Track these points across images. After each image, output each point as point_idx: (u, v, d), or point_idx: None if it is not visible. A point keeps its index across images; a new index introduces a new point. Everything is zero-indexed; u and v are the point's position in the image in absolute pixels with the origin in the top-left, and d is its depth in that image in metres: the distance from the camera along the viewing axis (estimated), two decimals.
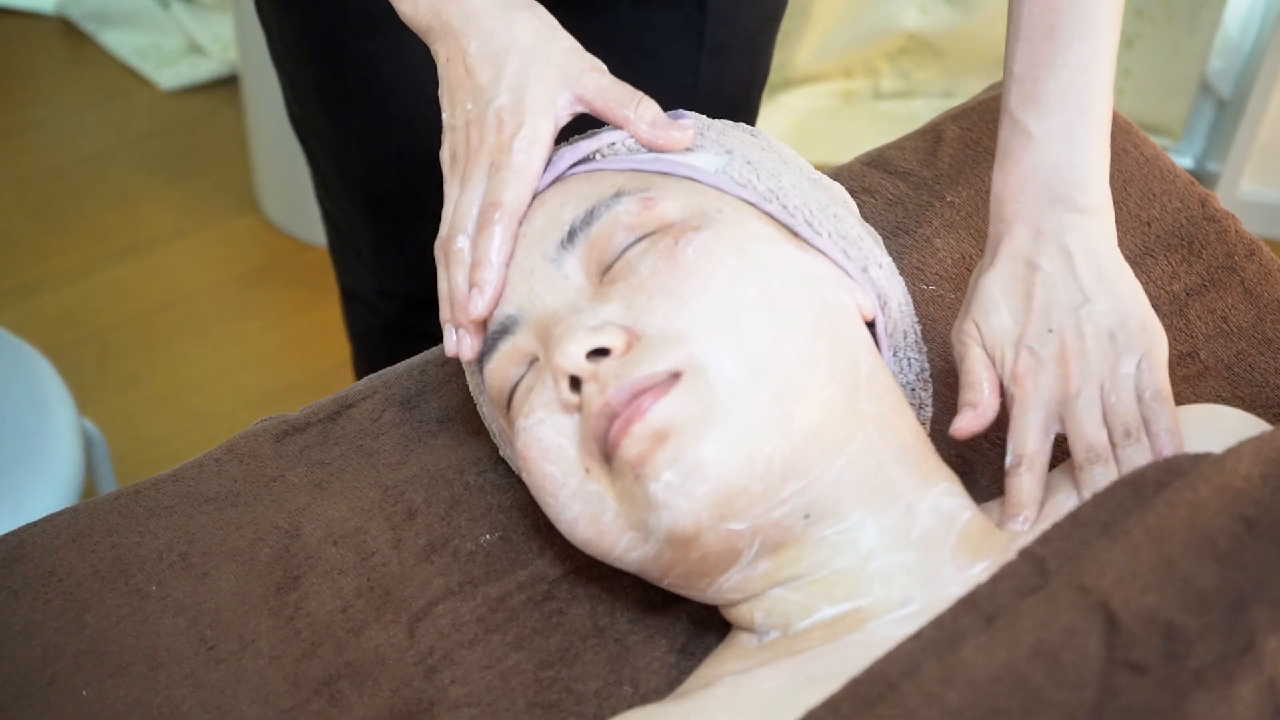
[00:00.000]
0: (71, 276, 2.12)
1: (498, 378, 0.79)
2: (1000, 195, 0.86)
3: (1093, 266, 0.81)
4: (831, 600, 0.74)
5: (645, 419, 0.71)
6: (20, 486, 1.34)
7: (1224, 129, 2.27)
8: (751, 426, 0.71)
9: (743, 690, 0.73)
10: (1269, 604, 0.61)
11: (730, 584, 0.76)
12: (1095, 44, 0.84)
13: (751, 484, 0.71)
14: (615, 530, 0.75)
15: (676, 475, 0.70)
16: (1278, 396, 0.94)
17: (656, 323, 0.73)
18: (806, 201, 0.82)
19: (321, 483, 0.91)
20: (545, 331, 0.76)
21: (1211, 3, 2.17)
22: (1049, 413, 0.80)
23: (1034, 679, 0.62)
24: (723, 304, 0.73)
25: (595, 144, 0.83)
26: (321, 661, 0.82)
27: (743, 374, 0.72)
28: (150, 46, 2.46)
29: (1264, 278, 1.01)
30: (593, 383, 0.72)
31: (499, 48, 0.80)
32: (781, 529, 0.73)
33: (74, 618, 0.84)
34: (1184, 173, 1.08)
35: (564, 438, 0.75)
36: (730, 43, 1.15)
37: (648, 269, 0.75)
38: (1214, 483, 0.67)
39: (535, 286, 0.78)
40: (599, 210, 0.78)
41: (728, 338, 0.72)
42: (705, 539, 0.72)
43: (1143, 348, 0.80)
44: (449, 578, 0.86)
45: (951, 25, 2.32)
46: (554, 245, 0.78)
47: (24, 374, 1.44)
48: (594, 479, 0.74)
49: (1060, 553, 0.67)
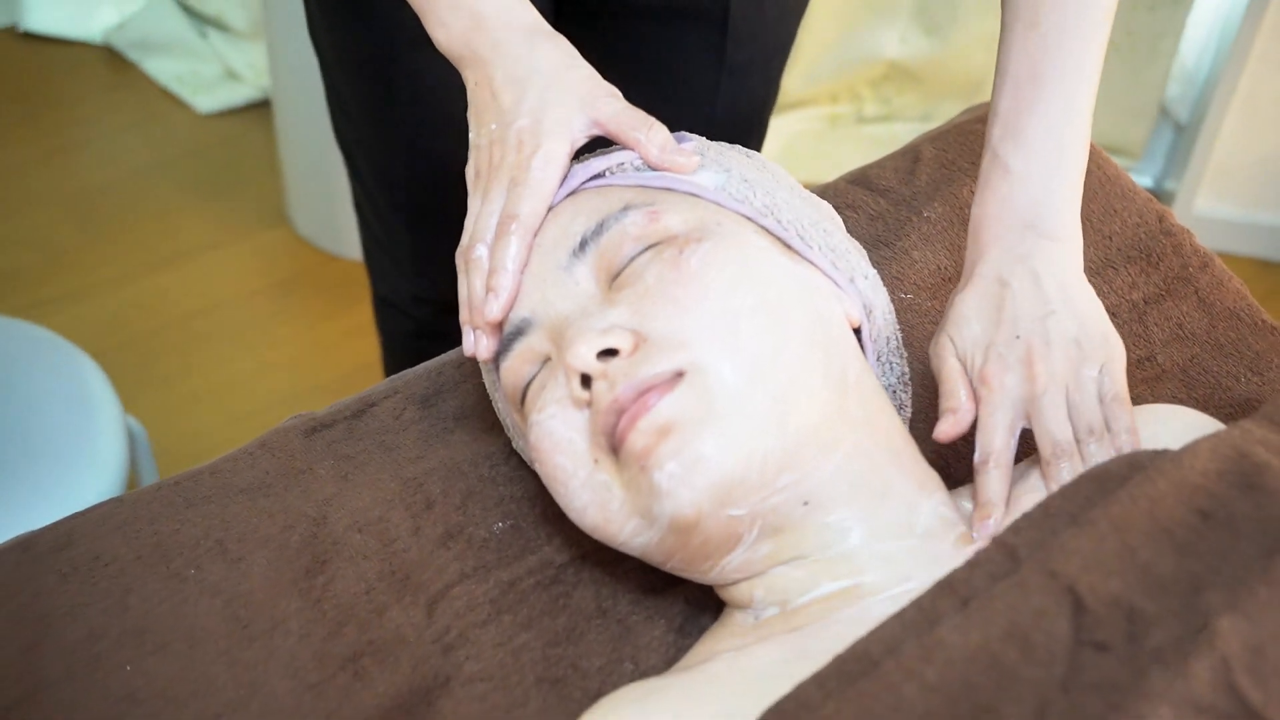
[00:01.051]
0: (116, 285, 2.12)
1: (513, 375, 0.79)
2: (978, 222, 0.86)
3: (1058, 285, 0.81)
4: (833, 577, 0.74)
5: (651, 414, 0.71)
6: (69, 478, 1.34)
7: (1181, 151, 2.28)
8: (749, 425, 0.71)
9: (738, 665, 0.72)
10: (1222, 589, 0.61)
11: (734, 565, 0.75)
12: (1077, 89, 0.84)
13: (748, 476, 0.71)
14: (621, 517, 0.74)
15: (679, 466, 0.70)
16: (1229, 397, 0.94)
17: (661, 326, 0.73)
18: (799, 217, 0.82)
19: (347, 475, 0.91)
20: (558, 333, 0.76)
21: (1169, 34, 2.17)
22: (1015, 412, 0.80)
23: (1007, 657, 0.62)
24: (723, 310, 0.73)
25: (606, 162, 0.83)
26: (346, 640, 0.82)
27: (741, 376, 0.72)
28: (188, 73, 2.46)
29: (1216, 288, 1.01)
30: (602, 381, 0.72)
31: (522, 75, 0.80)
32: (780, 515, 0.73)
33: (118, 599, 0.84)
34: (1143, 191, 1.08)
35: (574, 431, 0.75)
36: (749, 64, 1.15)
37: (654, 276, 0.75)
38: (1172, 477, 0.67)
39: (548, 292, 0.78)
40: (608, 222, 0.78)
41: (727, 341, 0.72)
42: (706, 525, 0.72)
43: (1104, 357, 0.80)
44: (464, 563, 0.86)
45: (929, 55, 2.33)
46: (566, 254, 0.78)
47: (73, 375, 1.44)
48: (602, 469, 0.74)
49: (1031, 541, 0.67)
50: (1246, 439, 0.71)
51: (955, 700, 0.61)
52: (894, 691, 0.62)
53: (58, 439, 1.37)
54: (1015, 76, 0.85)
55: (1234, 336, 0.98)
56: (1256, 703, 0.58)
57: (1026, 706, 0.60)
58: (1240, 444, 0.70)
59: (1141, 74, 2.24)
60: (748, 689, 0.69)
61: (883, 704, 0.61)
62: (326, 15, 1.12)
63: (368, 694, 0.80)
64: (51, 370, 1.43)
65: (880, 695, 0.62)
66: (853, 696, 0.62)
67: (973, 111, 1.18)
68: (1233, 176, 2.25)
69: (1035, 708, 0.60)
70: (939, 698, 0.61)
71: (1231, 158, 2.22)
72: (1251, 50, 2.09)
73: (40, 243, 2.18)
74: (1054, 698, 0.60)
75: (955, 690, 0.61)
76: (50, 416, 1.38)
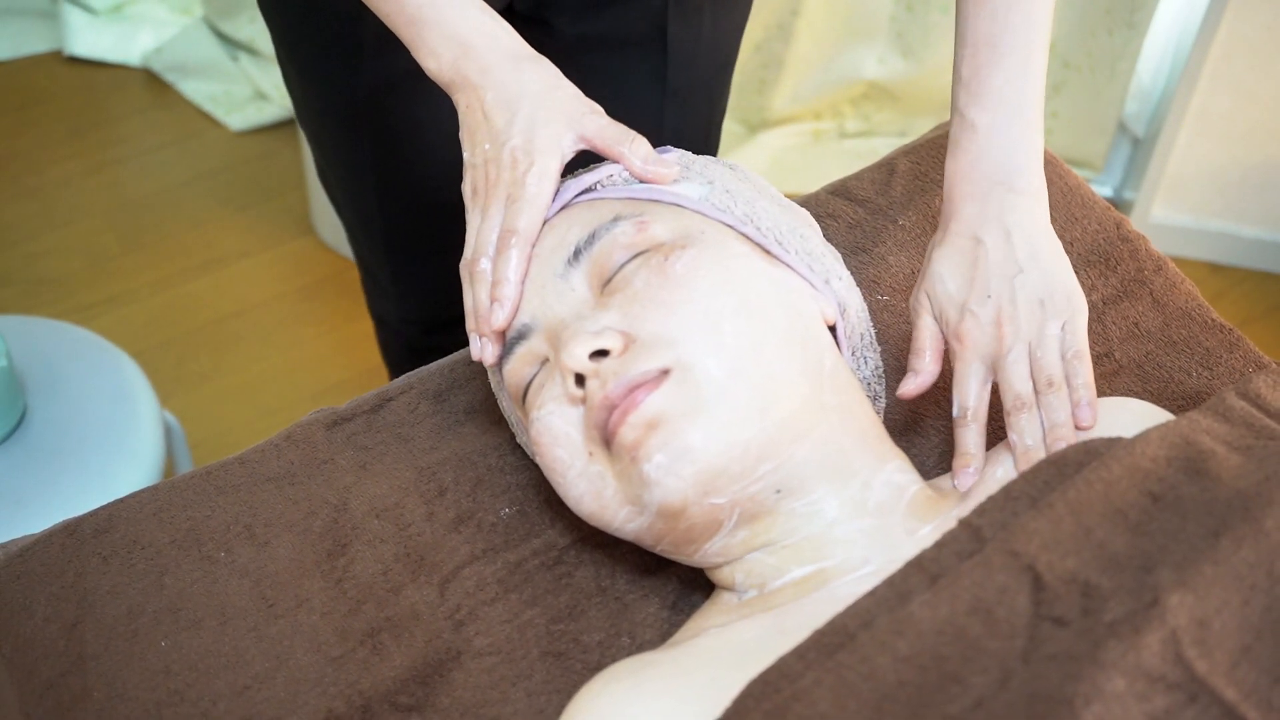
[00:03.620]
0: (154, 290, 2.12)
1: (515, 376, 0.79)
2: (951, 179, 0.86)
3: (1027, 242, 0.81)
4: (800, 562, 0.74)
5: (639, 409, 0.71)
6: (111, 468, 1.34)
7: (1138, 163, 2.28)
8: (732, 417, 0.71)
9: (724, 640, 0.73)
10: (1172, 567, 0.61)
11: (714, 549, 0.76)
12: (1029, 54, 0.84)
13: (730, 465, 0.71)
14: (615, 504, 0.74)
15: (666, 457, 0.70)
16: (1181, 391, 0.94)
17: (649, 327, 0.73)
18: (777, 224, 0.82)
19: (365, 464, 0.91)
20: (555, 336, 0.76)
21: (1127, 56, 2.17)
22: (986, 367, 0.80)
23: (972, 630, 0.62)
24: (706, 311, 0.73)
25: (596, 176, 0.83)
26: (365, 617, 0.82)
27: (724, 371, 0.72)
28: (222, 94, 2.46)
29: (1170, 289, 1.01)
30: (595, 379, 0.72)
31: (511, 96, 0.80)
32: (756, 503, 0.73)
33: (154, 580, 0.84)
34: (1102, 200, 1.08)
35: (571, 426, 0.75)
36: (690, 87, 1.15)
37: (641, 282, 0.75)
38: (1125, 463, 0.68)
39: (546, 298, 0.78)
40: (600, 232, 0.78)
41: (711, 339, 0.72)
42: (691, 511, 0.72)
43: (1067, 314, 0.80)
44: (474, 545, 0.86)
45: (905, 75, 2.32)
46: (562, 263, 0.78)
47: (114, 373, 1.44)
48: (596, 461, 0.74)
49: (994, 522, 0.67)
50: (1194, 428, 0.71)
51: (925, 670, 0.61)
52: (868, 662, 0.62)
53: (100, 432, 1.37)
54: (973, 45, 0.85)
55: (1186, 334, 0.98)
56: (1202, 672, 0.58)
57: (990, 676, 0.60)
58: (1188, 433, 0.70)
59: (1101, 92, 2.24)
60: (733, 662, 0.69)
61: (858, 674, 0.61)
62: (295, 63, 1.11)
63: (385, 666, 0.80)
64: (95, 369, 1.44)
65: (856, 666, 0.62)
66: (831, 667, 0.62)
67: (944, 127, 1.18)
68: (1185, 187, 2.25)
69: (998, 677, 0.60)
70: (910, 667, 0.61)
71: (1184, 169, 2.22)
72: (1203, 70, 2.09)
73: (85, 251, 2.18)
74: (1015, 668, 0.60)
75: (925, 661, 0.61)
76: (94, 411, 1.39)
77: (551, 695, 0.79)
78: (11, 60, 2.52)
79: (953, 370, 0.82)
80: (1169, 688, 0.58)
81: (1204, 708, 0.57)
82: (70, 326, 1.50)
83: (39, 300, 2.09)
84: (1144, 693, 0.57)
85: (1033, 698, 0.58)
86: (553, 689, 0.79)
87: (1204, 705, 0.57)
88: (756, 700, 0.63)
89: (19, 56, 2.53)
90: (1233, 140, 2.17)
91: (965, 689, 0.60)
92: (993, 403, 0.85)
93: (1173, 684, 0.58)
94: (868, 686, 0.61)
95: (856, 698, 0.61)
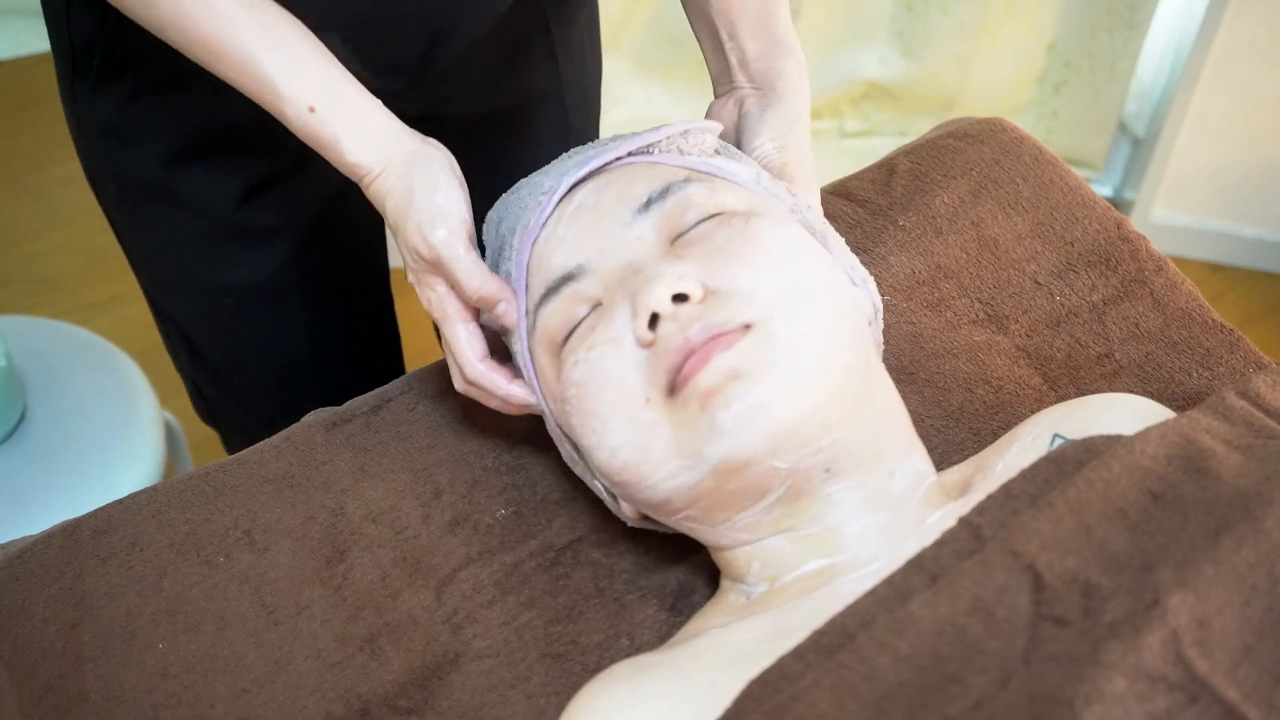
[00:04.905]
0: None
1: (558, 318, 0.78)
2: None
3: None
4: (817, 554, 0.74)
5: (722, 356, 0.70)
6: (110, 468, 1.34)
7: (1138, 163, 2.28)
8: (809, 382, 0.70)
9: (723, 641, 0.72)
10: (1172, 566, 0.61)
11: (744, 523, 0.74)
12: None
13: (803, 428, 0.70)
14: (661, 456, 0.72)
15: (746, 407, 0.69)
16: (1182, 391, 0.94)
17: (730, 283, 0.73)
18: (818, 217, 0.84)
19: (363, 466, 0.91)
20: (618, 279, 0.75)
21: (1127, 56, 2.17)
22: None
23: (972, 630, 0.61)
24: (791, 277, 0.73)
25: (651, 138, 0.83)
26: (364, 622, 0.82)
27: (802, 337, 0.71)
28: None
29: (1170, 289, 1.01)
30: (672, 322, 0.71)
31: (401, 202, 0.80)
32: (806, 478, 0.72)
33: (152, 582, 0.83)
34: (1103, 200, 1.08)
35: (628, 369, 0.73)
36: (585, 122, 1.16)
37: (723, 238, 0.75)
38: (1125, 462, 0.67)
39: (606, 244, 0.77)
40: (674, 188, 0.78)
41: (791, 306, 0.72)
42: (749, 472, 0.71)
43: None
44: (470, 548, 0.86)
45: (905, 75, 2.33)
46: (630, 211, 0.78)
47: (114, 373, 1.44)
48: (653, 407, 0.72)
49: (994, 521, 0.67)
50: (1193, 427, 0.71)
51: (925, 670, 0.61)
52: (868, 662, 0.61)
53: (100, 432, 1.37)
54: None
55: (1186, 335, 0.98)
56: (1203, 672, 0.58)
57: (990, 676, 0.60)
58: (1188, 431, 0.70)
59: (1101, 93, 2.24)
60: (732, 663, 0.69)
61: (857, 674, 0.61)
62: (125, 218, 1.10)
63: (384, 670, 0.80)
64: (95, 369, 1.44)
65: (855, 666, 0.61)
66: (830, 668, 0.62)
67: (944, 127, 1.17)
68: (1186, 187, 2.25)
69: (998, 678, 0.59)
70: (910, 668, 0.61)
71: (1184, 169, 2.22)
72: (1203, 70, 2.09)
73: (84, 251, 2.18)
74: (1016, 668, 0.59)
75: (925, 661, 0.61)
76: (94, 411, 1.39)
77: (550, 697, 0.79)
78: (11, 60, 2.52)
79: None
80: (1170, 688, 0.58)
81: (1205, 708, 0.57)
82: (70, 326, 1.50)
83: (39, 300, 2.10)
84: (1145, 693, 0.57)
85: (1033, 698, 0.58)
86: (551, 691, 0.79)
87: (1205, 705, 0.57)
88: (756, 701, 0.63)
89: (19, 56, 2.53)
90: (1233, 140, 2.17)
91: (965, 689, 0.59)
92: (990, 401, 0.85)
93: (1174, 684, 0.58)
94: (867, 687, 0.61)
95: (856, 698, 0.61)
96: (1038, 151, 1.09)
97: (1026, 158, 1.08)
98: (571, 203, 0.80)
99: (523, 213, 0.82)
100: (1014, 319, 0.99)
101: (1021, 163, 1.08)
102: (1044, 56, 2.28)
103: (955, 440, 0.92)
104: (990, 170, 1.08)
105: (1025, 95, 2.34)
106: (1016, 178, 1.07)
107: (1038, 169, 1.08)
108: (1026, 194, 1.06)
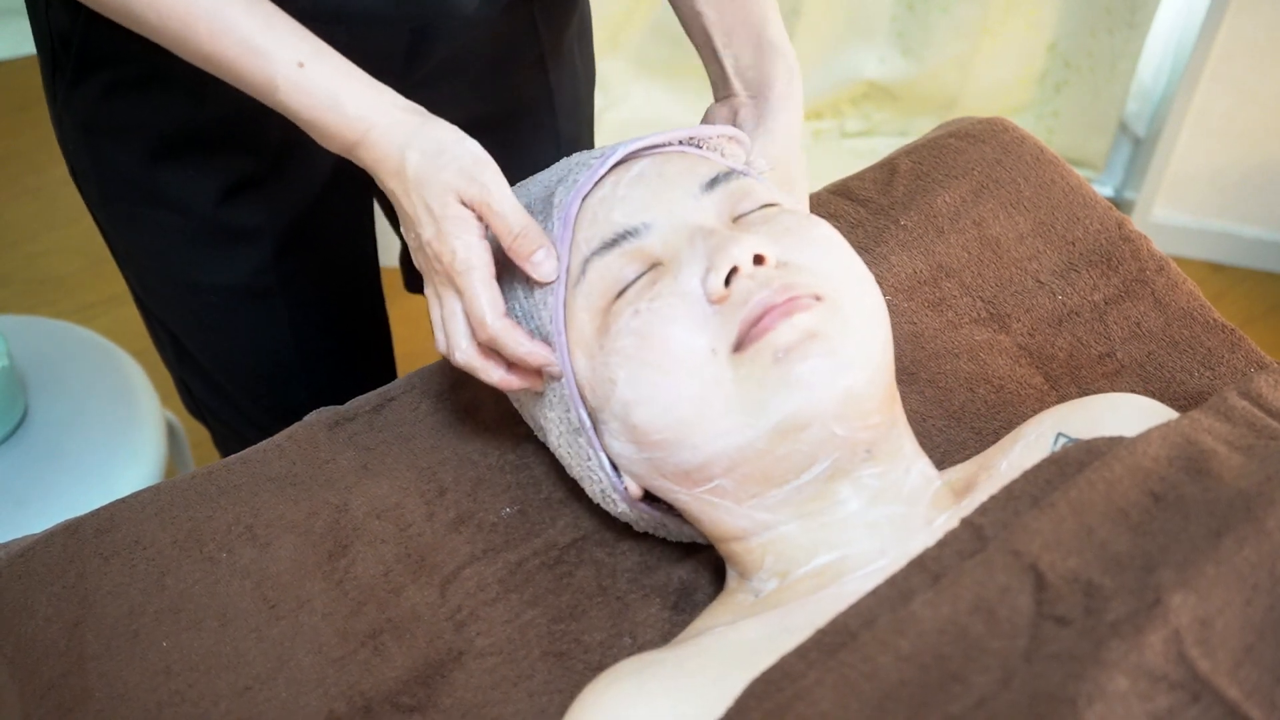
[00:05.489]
0: None
1: (615, 271, 0.77)
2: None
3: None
4: (829, 547, 0.74)
5: (802, 315, 0.71)
6: (111, 468, 1.34)
7: (1139, 163, 2.28)
8: (873, 357, 0.73)
9: (729, 639, 0.72)
10: (1174, 566, 0.61)
11: (779, 497, 0.74)
12: None
13: (869, 397, 0.72)
14: (720, 411, 0.72)
15: (823, 363, 0.70)
16: (1183, 390, 0.94)
17: (800, 259, 0.75)
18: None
19: (367, 465, 0.91)
20: (686, 239, 0.76)
21: (1128, 56, 2.17)
22: None
23: (974, 630, 0.62)
24: (851, 264, 0.77)
25: (705, 133, 0.85)
26: (367, 618, 0.82)
27: (864, 318, 0.74)
28: None
29: (1171, 289, 1.01)
30: (749, 280, 0.72)
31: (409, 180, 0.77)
32: (852, 455, 0.73)
33: (155, 580, 0.84)
34: (1104, 200, 1.08)
35: (694, 320, 0.73)
36: (577, 131, 1.16)
37: (790, 221, 0.77)
38: (1126, 462, 0.67)
39: (674, 209, 0.78)
40: (736, 174, 0.80)
41: (854, 289, 0.75)
42: (808, 434, 0.71)
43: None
44: (474, 545, 0.86)
45: (905, 75, 2.33)
46: (697, 186, 0.79)
47: (115, 372, 1.44)
48: (718, 360, 0.72)
49: (996, 521, 0.67)
50: (1195, 428, 0.71)
51: (927, 669, 0.61)
52: (870, 661, 0.62)
53: (102, 431, 1.37)
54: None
55: (1187, 334, 0.98)
56: (1205, 671, 0.58)
57: (992, 675, 0.60)
58: (1189, 432, 0.70)
59: (1102, 92, 2.24)
60: (736, 661, 0.69)
61: (860, 673, 0.61)
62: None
63: (387, 667, 0.80)
64: (96, 369, 1.44)
65: (857, 665, 0.62)
66: (833, 666, 0.62)
67: (946, 127, 1.18)
68: (1186, 186, 2.25)
69: (1000, 677, 0.60)
70: (912, 667, 0.61)
71: (1185, 169, 2.22)
72: (1204, 71, 2.09)
73: (84, 251, 2.18)
74: (1018, 667, 0.60)
75: (927, 660, 0.61)
76: (95, 411, 1.39)
77: (553, 695, 0.79)
78: (11, 60, 2.52)
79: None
80: (1171, 687, 0.58)
81: (1206, 707, 0.57)
82: (70, 326, 1.50)
83: (39, 300, 2.10)
84: (1147, 692, 0.57)
85: (1035, 697, 0.58)
86: (554, 689, 0.79)
87: (1207, 705, 0.57)
88: (758, 700, 0.63)
89: (19, 56, 2.53)
90: (1233, 140, 2.17)
91: (967, 688, 0.60)
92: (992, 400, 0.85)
93: (1175, 683, 0.58)
94: (869, 686, 0.61)
95: (858, 697, 0.61)
96: (1039, 151, 1.10)
97: (1028, 157, 1.09)
98: (630, 170, 0.80)
99: (566, 174, 0.82)
100: (1016, 318, 1.00)
101: (1023, 162, 1.08)
102: (1044, 56, 2.28)
103: (957, 440, 0.92)
104: (992, 170, 1.08)
105: (1026, 95, 2.34)
106: (1018, 177, 1.07)
107: (1039, 169, 1.08)
108: (1028, 194, 1.06)
